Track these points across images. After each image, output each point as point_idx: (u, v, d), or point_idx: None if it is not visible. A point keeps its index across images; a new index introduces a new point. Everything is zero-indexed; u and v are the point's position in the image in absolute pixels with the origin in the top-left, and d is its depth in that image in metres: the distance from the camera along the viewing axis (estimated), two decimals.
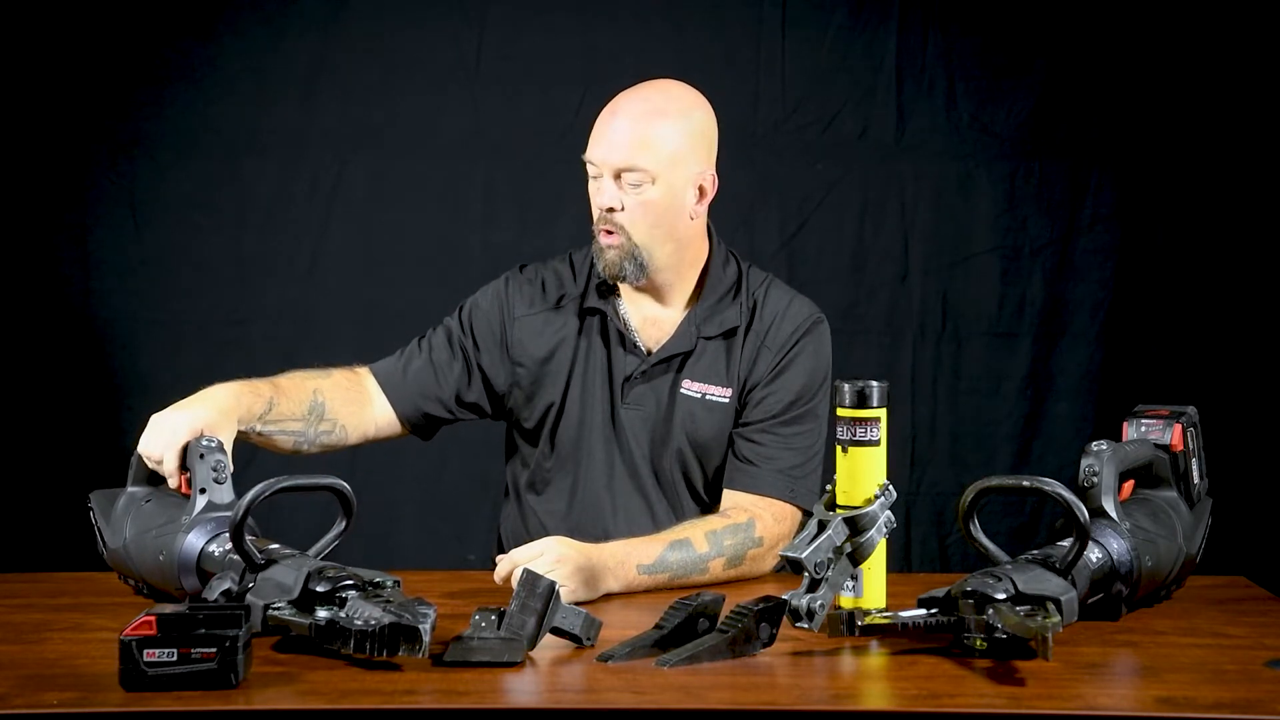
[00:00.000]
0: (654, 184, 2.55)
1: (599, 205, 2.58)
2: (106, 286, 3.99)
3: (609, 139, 2.55)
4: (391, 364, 2.68)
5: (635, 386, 2.65)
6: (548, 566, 2.25)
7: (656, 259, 2.59)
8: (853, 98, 4.02)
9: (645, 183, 2.55)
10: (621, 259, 2.58)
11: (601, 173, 2.56)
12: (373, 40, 4.01)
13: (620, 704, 1.82)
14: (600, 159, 2.56)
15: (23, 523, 3.90)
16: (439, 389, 2.66)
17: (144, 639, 1.80)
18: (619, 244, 2.57)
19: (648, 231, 2.57)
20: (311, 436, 2.57)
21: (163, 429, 2.32)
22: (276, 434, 2.53)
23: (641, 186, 2.55)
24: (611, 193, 2.56)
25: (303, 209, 4.01)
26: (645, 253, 2.58)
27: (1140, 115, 4.01)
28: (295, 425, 2.55)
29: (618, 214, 2.56)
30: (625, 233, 2.56)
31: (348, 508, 2.11)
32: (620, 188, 2.55)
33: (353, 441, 2.65)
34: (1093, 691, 1.90)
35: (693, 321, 2.65)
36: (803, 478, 2.59)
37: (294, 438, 2.55)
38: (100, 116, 3.97)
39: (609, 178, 2.56)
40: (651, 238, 2.58)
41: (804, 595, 2.02)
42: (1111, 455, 2.20)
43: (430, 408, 2.67)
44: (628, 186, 2.55)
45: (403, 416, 2.66)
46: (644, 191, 2.55)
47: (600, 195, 2.57)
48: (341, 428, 2.61)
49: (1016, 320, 4.04)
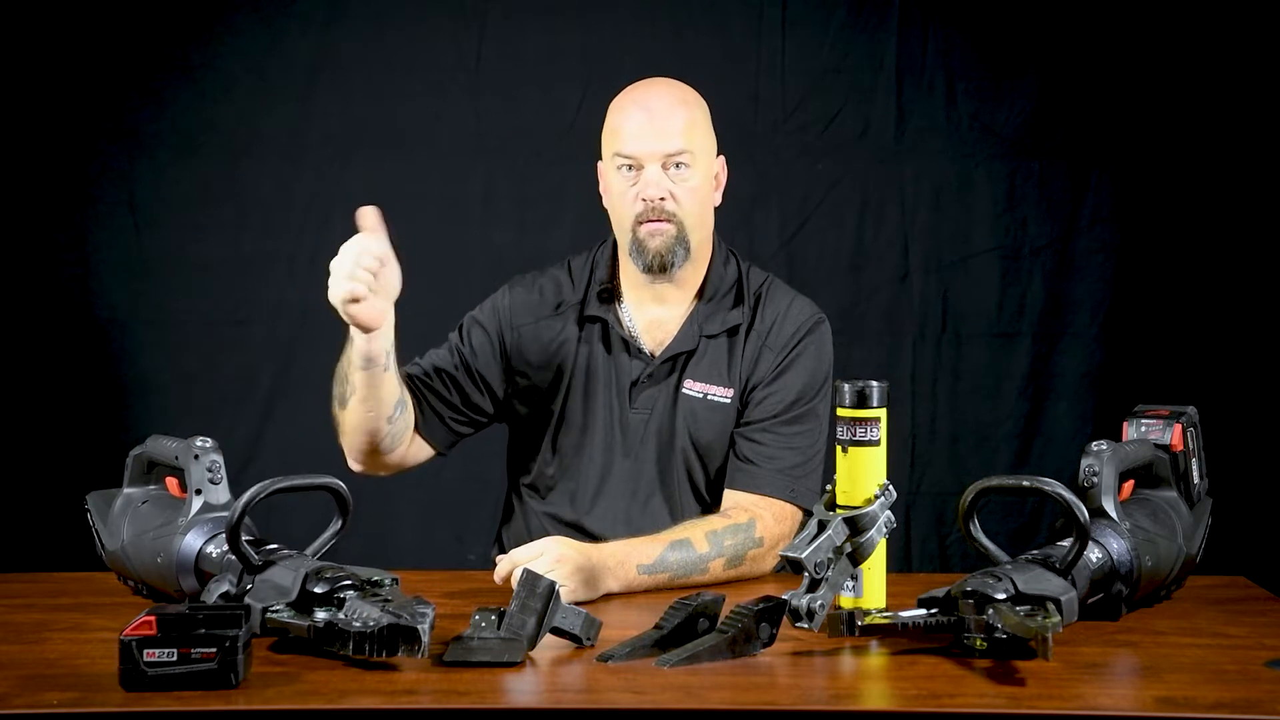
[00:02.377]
0: (695, 169, 2.58)
1: (647, 197, 2.58)
2: (106, 286, 4.00)
3: (654, 128, 2.57)
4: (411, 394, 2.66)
5: (643, 390, 2.65)
6: (548, 566, 2.25)
7: (693, 245, 2.61)
8: (853, 98, 4.03)
9: (690, 166, 2.58)
10: (674, 244, 2.59)
11: (644, 164, 2.57)
12: (373, 40, 4.01)
13: (620, 704, 1.82)
14: (650, 150, 2.57)
15: (23, 523, 3.90)
16: (453, 406, 2.66)
17: (144, 639, 1.80)
18: (669, 231, 2.58)
19: (696, 216, 2.60)
20: (404, 406, 2.53)
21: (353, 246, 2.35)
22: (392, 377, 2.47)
23: (687, 171, 2.58)
24: (661, 181, 2.57)
25: (303, 209, 4.01)
26: (691, 237, 2.60)
27: (1140, 115, 4.01)
28: (387, 409, 2.50)
29: (668, 203, 2.57)
30: (677, 220, 2.58)
31: (344, 507, 2.11)
32: (667, 176, 2.57)
33: (393, 461, 2.60)
34: (1093, 691, 1.90)
35: (695, 321, 2.65)
36: (803, 477, 2.59)
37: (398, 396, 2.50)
38: (100, 116, 3.97)
39: (654, 168, 2.57)
40: (696, 222, 2.61)
41: (804, 595, 2.02)
42: (1111, 455, 2.20)
43: (455, 424, 2.66)
44: (674, 174, 2.57)
45: (434, 443, 2.65)
46: (689, 177, 2.58)
47: (648, 187, 2.57)
48: (403, 438, 2.58)
49: (1016, 320, 4.04)
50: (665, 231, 2.58)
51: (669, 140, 2.57)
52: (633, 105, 2.60)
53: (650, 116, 2.58)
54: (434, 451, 2.67)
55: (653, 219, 2.58)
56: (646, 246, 2.59)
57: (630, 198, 2.59)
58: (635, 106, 2.60)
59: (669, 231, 2.58)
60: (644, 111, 2.59)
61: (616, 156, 2.59)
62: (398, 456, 2.61)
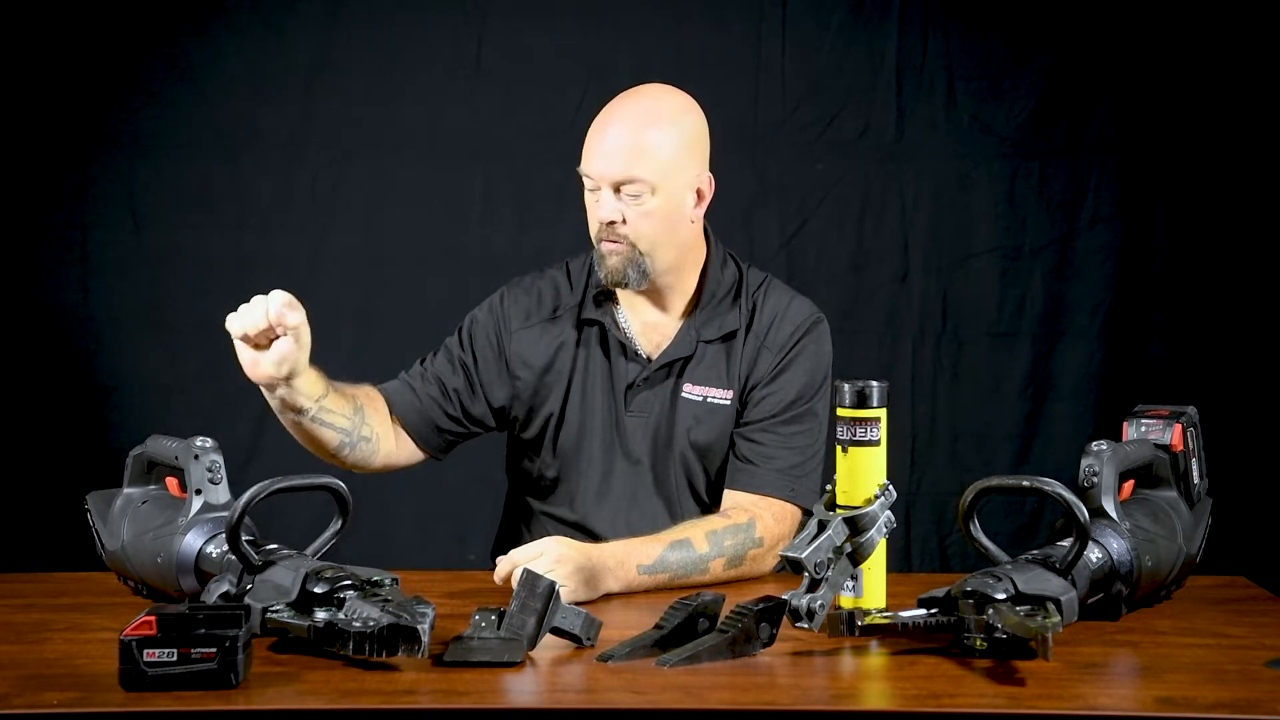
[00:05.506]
0: (653, 194, 2.54)
1: (599, 218, 2.57)
2: (106, 286, 3.99)
3: (604, 152, 2.53)
4: (405, 396, 2.65)
5: (638, 394, 2.64)
6: (548, 566, 2.25)
7: (659, 264, 2.59)
8: (853, 98, 4.03)
9: (645, 193, 2.54)
10: (625, 266, 2.57)
11: (599, 185, 2.55)
12: (373, 40, 4.01)
13: (620, 704, 1.82)
14: (598, 173, 2.54)
15: (22, 523, 3.90)
16: (451, 409, 2.65)
17: (144, 639, 1.80)
18: (623, 251, 2.56)
19: (651, 240, 2.56)
20: (354, 441, 2.54)
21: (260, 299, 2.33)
22: (326, 426, 2.49)
23: (641, 197, 2.54)
24: (611, 205, 2.54)
25: (303, 209, 4.01)
26: (648, 259, 2.57)
27: (1140, 115, 4.01)
28: (344, 423, 2.51)
29: (619, 226, 2.55)
30: (628, 241, 2.56)
31: (344, 507, 2.10)
32: (620, 199, 2.55)
33: (377, 464, 2.61)
34: (1093, 691, 1.90)
35: (692, 326, 2.64)
36: (803, 477, 2.59)
37: (340, 435, 2.51)
38: (100, 116, 3.97)
39: (608, 190, 2.54)
40: (654, 244, 2.57)
41: (804, 595, 2.02)
42: (1111, 455, 2.20)
43: (443, 424, 2.66)
44: (627, 198, 2.54)
45: (424, 445, 2.65)
46: (644, 202, 2.54)
47: (600, 209, 2.56)
48: (378, 439, 2.58)
49: (1016, 320, 4.04)
50: (619, 253, 2.56)
51: (618, 168, 2.52)
52: (598, 123, 2.57)
53: (604, 140, 2.54)
54: (427, 456, 2.68)
55: (606, 238, 2.57)
56: (604, 263, 2.58)
57: (592, 215, 2.59)
58: (599, 124, 2.56)
59: (622, 253, 2.55)
60: (602, 131, 2.55)
61: (581, 172, 2.59)
62: (379, 464, 2.61)
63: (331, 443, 2.52)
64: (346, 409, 2.52)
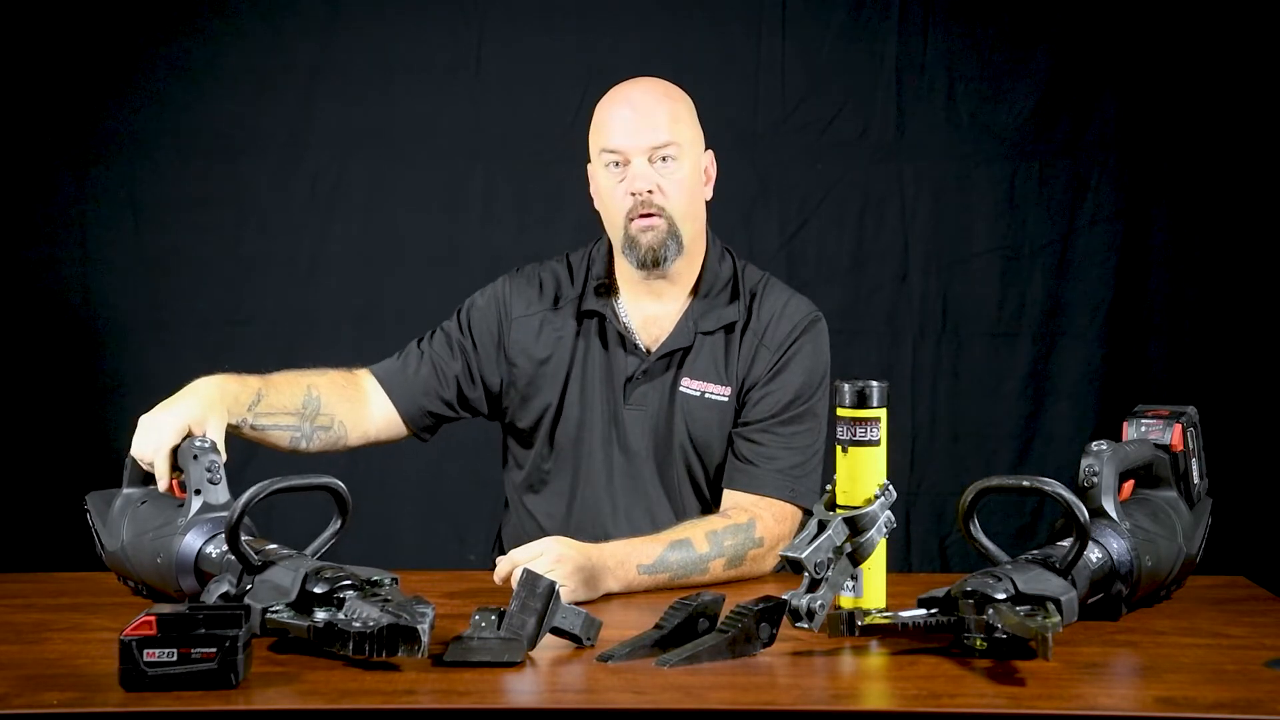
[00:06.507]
0: (682, 161, 2.58)
1: (634, 191, 2.57)
2: (106, 286, 3.99)
3: (639, 122, 2.57)
4: (391, 364, 2.69)
5: (637, 387, 2.65)
6: (548, 566, 2.25)
7: (685, 238, 2.61)
8: (853, 98, 4.02)
9: (680, 157, 2.58)
10: (666, 238, 2.58)
11: (630, 159, 2.57)
12: (373, 40, 4.01)
13: (620, 704, 1.82)
14: (634, 143, 2.57)
15: (22, 523, 3.90)
16: (440, 387, 2.67)
17: (144, 639, 1.80)
18: (659, 225, 2.58)
19: (685, 209, 2.60)
20: (308, 432, 2.57)
21: (150, 430, 2.33)
22: (271, 429, 2.53)
23: (677, 161, 2.58)
24: (649, 174, 2.57)
25: (303, 209, 4.01)
26: (682, 231, 2.60)
27: (1140, 115, 4.00)
28: (289, 420, 2.55)
29: (656, 196, 2.57)
30: (666, 213, 2.58)
31: (343, 507, 2.11)
32: (653, 168, 2.57)
33: (353, 441, 2.64)
34: (1093, 691, 1.90)
35: (690, 317, 2.65)
36: (803, 477, 2.59)
37: (290, 433, 2.55)
38: (100, 116, 3.97)
39: (641, 161, 2.57)
40: (686, 215, 2.60)
41: (804, 595, 2.02)
42: (1111, 455, 2.20)
43: (432, 405, 2.67)
44: (660, 165, 2.57)
45: (405, 415, 2.66)
46: (676, 169, 2.58)
47: (635, 181, 2.57)
48: (340, 424, 2.61)
49: (1016, 320, 4.04)
50: (656, 226, 2.58)
51: (654, 133, 2.57)
52: (617, 102, 2.61)
53: (634, 111, 2.58)
54: (411, 434, 2.69)
55: (643, 214, 2.57)
56: (639, 242, 2.58)
57: (619, 194, 2.59)
58: (619, 103, 2.60)
59: (660, 226, 2.58)
60: (628, 107, 2.59)
61: (604, 153, 2.59)
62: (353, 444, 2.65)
63: (282, 442, 2.56)
64: (292, 404, 2.55)
